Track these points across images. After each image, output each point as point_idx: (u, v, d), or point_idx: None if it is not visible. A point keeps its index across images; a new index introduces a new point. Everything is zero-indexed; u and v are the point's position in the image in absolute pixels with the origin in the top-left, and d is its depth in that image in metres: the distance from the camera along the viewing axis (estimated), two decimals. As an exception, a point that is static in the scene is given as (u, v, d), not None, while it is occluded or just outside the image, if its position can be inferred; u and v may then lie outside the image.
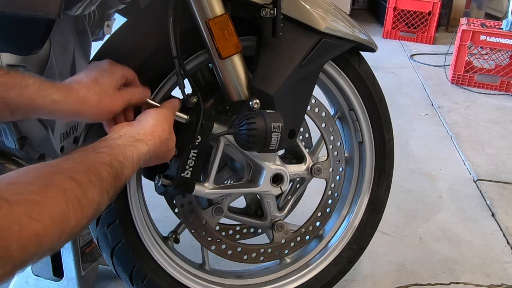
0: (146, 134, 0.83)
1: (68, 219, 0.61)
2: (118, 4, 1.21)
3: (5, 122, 1.01)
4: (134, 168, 0.78)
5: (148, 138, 0.83)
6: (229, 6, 0.96)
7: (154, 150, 0.84)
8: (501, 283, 1.58)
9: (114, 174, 0.72)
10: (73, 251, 1.30)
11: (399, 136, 2.42)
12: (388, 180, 1.34)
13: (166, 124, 0.88)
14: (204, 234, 1.17)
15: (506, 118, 2.99)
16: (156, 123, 0.86)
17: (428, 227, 1.85)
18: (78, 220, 0.63)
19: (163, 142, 0.86)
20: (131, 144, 0.80)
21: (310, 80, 1.09)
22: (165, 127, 0.87)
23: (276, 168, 1.13)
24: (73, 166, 0.67)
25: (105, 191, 0.69)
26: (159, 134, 0.85)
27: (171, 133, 0.90)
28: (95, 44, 1.20)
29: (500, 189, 2.14)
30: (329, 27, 1.06)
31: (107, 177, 0.70)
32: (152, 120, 0.87)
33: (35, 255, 0.57)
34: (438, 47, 4.44)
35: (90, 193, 0.66)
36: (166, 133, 0.87)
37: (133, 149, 0.79)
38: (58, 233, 0.59)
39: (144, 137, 0.83)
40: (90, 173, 0.68)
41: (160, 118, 0.88)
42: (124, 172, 0.75)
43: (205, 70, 1.12)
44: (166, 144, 0.88)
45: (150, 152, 0.83)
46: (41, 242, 0.56)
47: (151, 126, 0.85)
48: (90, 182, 0.67)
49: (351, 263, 1.35)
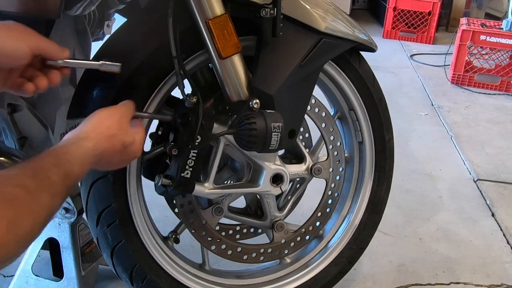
0: (88, 132, 0.82)
1: (18, 226, 0.61)
2: (118, 4, 1.22)
3: (4, 119, 1.01)
4: (84, 165, 0.77)
5: (91, 136, 0.82)
6: (229, 6, 0.97)
7: (103, 147, 0.83)
8: (501, 283, 1.58)
9: (63, 174, 0.72)
10: (73, 251, 1.30)
11: (399, 136, 2.42)
12: (388, 180, 1.34)
13: (111, 121, 0.86)
14: (204, 234, 1.17)
15: (506, 118, 2.99)
16: (97, 121, 0.85)
17: (428, 227, 1.85)
18: (30, 226, 0.63)
19: (111, 138, 0.84)
20: (74, 142, 0.79)
21: (310, 80, 1.09)
22: (109, 124, 0.85)
23: (276, 168, 1.13)
24: (20, 172, 0.67)
25: (56, 193, 0.69)
26: (102, 131, 0.83)
27: (123, 129, 0.87)
28: (95, 44, 1.20)
29: (500, 189, 2.14)
30: (329, 27, 1.06)
31: (56, 179, 0.70)
32: (93, 119, 0.86)
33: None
34: (438, 47, 4.44)
35: (41, 198, 0.66)
36: (112, 130, 0.85)
37: (77, 147, 0.78)
38: (12, 241, 0.60)
39: (86, 135, 0.81)
40: (38, 178, 0.68)
41: (102, 116, 0.86)
42: (74, 170, 0.74)
43: (205, 70, 1.12)
44: (119, 140, 0.85)
45: (98, 149, 0.81)
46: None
47: (93, 124, 0.84)
48: (40, 186, 0.67)
49: (351, 263, 1.35)
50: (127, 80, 0.99)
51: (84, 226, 1.34)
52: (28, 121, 1.05)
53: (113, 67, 0.91)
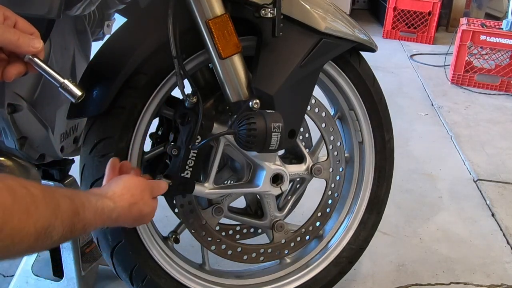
0: (114, 195, 0.86)
1: (11, 214, 0.61)
2: (118, 4, 1.22)
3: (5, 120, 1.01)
4: (96, 216, 0.79)
5: (115, 199, 0.86)
6: (229, 6, 0.97)
7: (123, 212, 0.86)
8: (501, 283, 1.58)
9: (74, 209, 0.73)
10: (73, 251, 1.30)
11: (399, 136, 2.42)
12: (388, 180, 1.34)
13: (137, 191, 0.90)
14: (204, 234, 1.17)
15: (506, 118, 2.99)
16: (125, 187, 0.89)
17: (428, 227, 1.85)
18: (22, 222, 0.63)
19: (132, 206, 0.88)
20: (97, 195, 0.83)
21: (310, 80, 1.09)
22: (134, 192, 0.89)
23: (276, 168, 1.13)
24: (33, 184, 0.68)
25: (59, 217, 0.69)
26: (127, 198, 0.87)
27: (144, 200, 0.91)
28: (95, 44, 1.20)
29: (500, 189, 2.14)
30: (329, 27, 1.06)
31: (64, 207, 0.71)
32: (122, 184, 0.89)
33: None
34: (438, 47, 4.44)
35: (41, 208, 0.66)
36: (135, 198, 0.89)
37: (99, 198, 0.82)
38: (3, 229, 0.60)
39: (112, 197, 0.85)
40: (46, 194, 0.68)
41: (132, 184, 0.90)
42: (86, 213, 0.76)
43: (205, 70, 1.12)
44: (138, 209, 0.89)
45: (118, 211, 0.85)
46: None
47: (121, 189, 0.88)
48: (44, 199, 0.67)
49: (351, 263, 1.35)
50: (127, 80, 0.99)
51: (84, 226, 1.33)
52: (28, 121, 1.05)
53: (74, 91, 0.84)
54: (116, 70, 0.99)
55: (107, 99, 0.98)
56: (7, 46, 0.78)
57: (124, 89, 1.00)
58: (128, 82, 1.00)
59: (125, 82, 0.99)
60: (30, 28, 0.80)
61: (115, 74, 0.98)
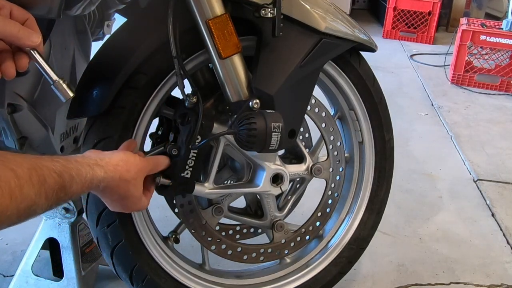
0: (108, 164, 0.84)
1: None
2: (118, 4, 1.22)
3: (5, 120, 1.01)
4: (84, 187, 0.78)
5: (109, 168, 0.83)
6: (229, 6, 0.97)
7: (111, 183, 0.84)
8: (501, 283, 1.58)
9: (61, 184, 0.72)
10: (73, 251, 1.30)
11: (399, 136, 2.42)
12: (388, 180, 1.34)
13: (134, 168, 0.88)
14: (204, 234, 1.17)
15: (506, 118, 2.99)
16: (123, 160, 0.87)
17: (428, 227, 1.85)
18: (4, 206, 0.63)
19: (122, 181, 0.86)
20: (89, 165, 0.80)
21: (310, 80, 1.09)
22: (131, 169, 0.87)
23: (276, 168, 1.13)
24: (18, 160, 0.67)
25: (44, 194, 0.69)
26: (120, 171, 0.85)
27: (136, 181, 0.89)
28: (95, 44, 1.20)
29: (500, 189, 2.14)
30: (329, 27, 1.06)
31: (51, 183, 0.70)
32: (122, 155, 0.88)
33: None
34: (438, 47, 4.44)
35: (26, 188, 0.66)
36: (128, 175, 0.86)
37: (90, 169, 0.80)
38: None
39: (105, 165, 0.83)
40: (33, 172, 0.68)
41: (131, 160, 0.88)
42: (73, 187, 0.75)
43: (205, 70, 1.12)
44: (126, 187, 0.87)
45: (106, 181, 0.83)
46: None
47: (117, 160, 0.86)
48: (30, 179, 0.67)
49: (351, 263, 1.35)
50: (127, 80, 0.99)
51: (84, 226, 1.34)
52: (28, 121, 1.05)
53: (65, 91, 0.84)
54: (116, 70, 0.99)
55: (107, 99, 0.98)
56: (7, 38, 0.78)
57: (124, 89, 1.00)
58: (128, 82, 1.00)
59: (125, 82, 0.99)
60: (25, 14, 0.80)
61: (115, 74, 0.98)
